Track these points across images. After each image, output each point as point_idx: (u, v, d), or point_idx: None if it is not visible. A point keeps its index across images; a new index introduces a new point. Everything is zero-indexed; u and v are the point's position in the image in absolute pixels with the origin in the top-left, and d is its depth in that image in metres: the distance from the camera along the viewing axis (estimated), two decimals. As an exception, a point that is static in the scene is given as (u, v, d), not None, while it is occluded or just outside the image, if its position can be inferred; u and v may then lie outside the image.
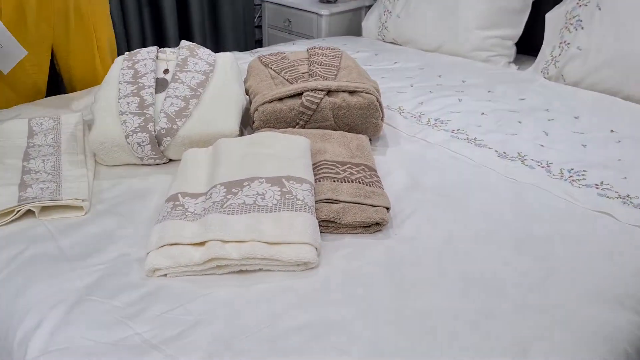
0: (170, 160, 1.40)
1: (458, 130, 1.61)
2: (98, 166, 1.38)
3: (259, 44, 3.08)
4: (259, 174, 1.18)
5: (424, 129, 1.61)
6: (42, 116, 1.58)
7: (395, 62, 2.20)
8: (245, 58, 2.19)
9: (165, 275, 1.02)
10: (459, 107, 1.76)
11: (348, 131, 1.47)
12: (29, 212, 1.16)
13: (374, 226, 1.15)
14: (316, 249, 1.05)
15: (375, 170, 1.31)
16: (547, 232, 1.15)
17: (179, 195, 1.17)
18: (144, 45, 2.64)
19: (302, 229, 1.05)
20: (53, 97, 1.84)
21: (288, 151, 1.26)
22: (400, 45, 2.47)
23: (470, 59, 2.21)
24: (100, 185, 1.30)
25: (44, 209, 1.17)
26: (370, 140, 1.51)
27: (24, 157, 1.35)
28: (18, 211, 1.14)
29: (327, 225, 1.14)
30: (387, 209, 1.18)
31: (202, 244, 1.04)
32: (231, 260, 1.01)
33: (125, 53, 1.61)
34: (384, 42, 2.54)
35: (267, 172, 1.19)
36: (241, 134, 1.48)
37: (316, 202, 1.16)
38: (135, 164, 1.38)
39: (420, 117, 1.70)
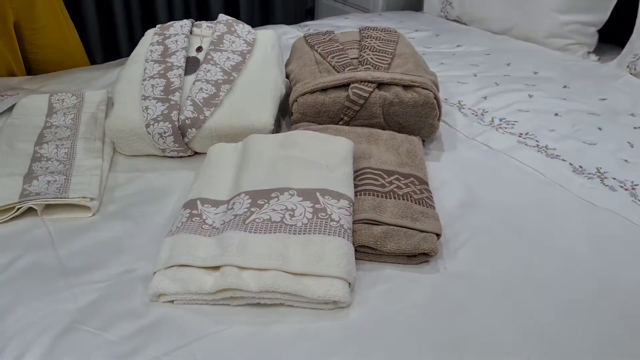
0: (196, 153, 1.25)
1: (527, 134, 1.39)
2: (116, 155, 1.24)
3: (310, 14, 2.87)
4: (290, 184, 1.01)
5: (486, 131, 1.40)
6: (65, 92, 1.45)
7: (458, 46, 1.97)
8: (292, 33, 2.01)
9: (172, 301, 0.88)
10: (529, 105, 1.54)
11: (399, 131, 1.28)
12: (32, 208, 1.03)
13: (420, 256, 0.97)
14: (349, 284, 0.88)
15: (426, 183, 1.12)
16: (636, 281, 0.94)
17: (198, 201, 1.02)
18: (186, 16, 2.48)
19: (335, 259, 0.89)
20: (88, 67, 1.72)
21: (327, 156, 1.08)
22: (464, 24, 2.23)
23: (545, 45, 1.95)
24: (115, 180, 1.16)
25: (48, 206, 1.04)
26: (423, 141, 1.32)
27: (38, 140, 1.22)
28: (19, 208, 1.01)
29: (365, 252, 0.97)
30: (438, 235, 1.00)
31: (216, 268, 0.89)
32: (248, 293, 0.86)
33: (157, 26, 1.45)
34: (447, 19, 2.29)
35: (299, 181, 1.02)
36: (277, 126, 1.32)
37: (355, 222, 0.99)
38: (156, 155, 1.23)
39: (482, 115, 1.48)
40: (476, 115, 1.48)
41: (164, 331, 0.82)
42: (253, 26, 1.56)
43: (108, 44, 2.42)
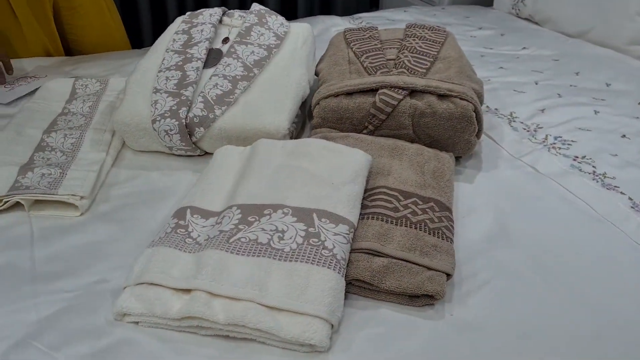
0: (206, 152, 1.16)
1: (583, 158, 1.21)
2: (124, 149, 1.18)
3: (374, 4, 2.73)
4: (287, 201, 0.91)
5: (536, 150, 1.23)
6: (92, 76, 1.41)
7: (524, 48, 1.78)
8: (343, 25, 1.89)
9: (137, 322, 0.80)
10: (592, 123, 1.34)
11: (429, 145, 1.14)
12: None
13: (423, 298, 0.84)
14: (332, 325, 0.77)
15: (448, 210, 0.98)
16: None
17: (188, 211, 0.94)
18: (242, 4, 2.40)
19: (319, 295, 0.78)
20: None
21: (336, 171, 0.97)
22: (536, 24, 2.01)
23: (624, 53, 1.72)
24: (116, 177, 1.10)
25: (39, 201, 0.99)
26: (458, 158, 1.17)
27: (49, 127, 1.18)
28: (6, 202, 0.97)
29: (361, 286, 0.85)
30: (448, 275, 0.87)
31: (188, 290, 0.80)
32: (215, 324, 0.77)
33: (187, 13, 1.37)
34: (518, 17, 2.09)
35: (297, 198, 0.91)
36: (301, 130, 1.21)
37: (353, 251, 0.87)
38: (164, 153, 1.16)
39: (535, 131, 1.31)
40: (528, 131, 1.31)
41: (118, 357, 0.74)
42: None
43: (158, 29, 2.40)
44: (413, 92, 1.14)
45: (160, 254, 0.85)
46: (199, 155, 1.16)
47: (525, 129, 1.31)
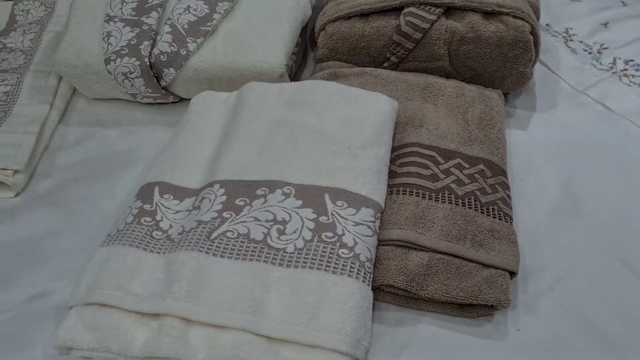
0: (182, 99, 0.90)
1: (665, 88, 0.94)
2: (76, 97, 0.92)
3: None
4: (287, 175, 0.66)
5: (604, 80, 0.96)
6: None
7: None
8: None
9: (89, 358, 0.58)
10: (671, 39, 1.06)
11: (470, 80, 0.88)
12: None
13: (480, 307, 0.62)
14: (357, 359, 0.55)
15: (503, 173, 0.73)
16: None
17: (156, 189, 0.70)
18: None
19: (337, 318, 0.55)
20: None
21: (351, 129, 0.71)
22: None
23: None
24: (63, 138, 0.85)
25: (-41, 178, 0.75)
26: (505, 95, 0.90)
27: (-22, 72, 0.91)
28: None
29: (393, 292, 0.63)
30: (512, 274, 0.64)
31: (156, 316, 0.58)
32: (194, 365, 0.55)
33: None
34: None
35: (301, 171, 0.67)
36: (303, 62, 0.94)
37: (382, 243, 0.64)
38: (127, 101, 0.90)
39: (599, 53, 1.03)
40: (590, 53, 1.03)
41: (61, 417, 0.53)
42: None
43: None
44: (450, 10, 0.85)
45: (116, 258, 0.62)
46: (172, 103, 0.90)
47: (586, 50, 1.03)
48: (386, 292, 0.63)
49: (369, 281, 0.59)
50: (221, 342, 0.55)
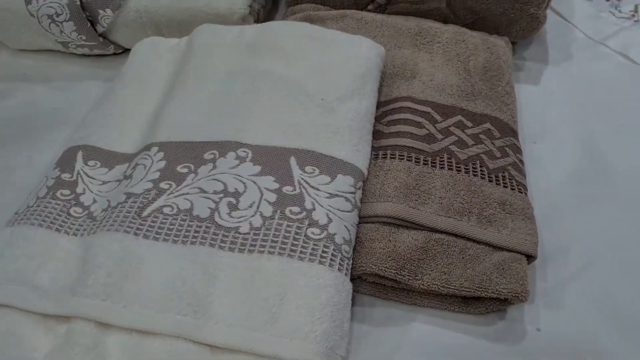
0: (126, 50, 0.75)
1: (697, 38, 0.80)
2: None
3: None
4: (243, 135, 0.52)
5: (625, 29, 0.82)
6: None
7: None
8: None
9: (-21, 374, 0.44)
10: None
11: (472, 26, 0.73)
12: None
13: (491, 302, 0.48)
14: (331, 372, 0.42)
15: (514, 133, 0.60)
16: None
17: (80, 154, 0.55)
18: None
19: (305, 319, 0.41)
20: None
21: (326, 78, 0.57)
22: None
23: None
24: (-23, 94, 0.69)
25: None
26: (513, 44, 0.76)
27: None
28: None
29: (379, 283, 0.49)
30: (530, 258, 0.50)
31: (64, 318, 0.44)
32: (112, 384, 0.41)
33: None
34: None
35: (262, 129, 0.52)
36: (266, 12, 0.79)
37: (364, 220, 0.50)
38: (58, 52, 0.75)
39: (618, 0, 0.89)
40: (607, 0, 0.89)
41: None
42: None
43: None
44: (448, -61, 0.71)
45: (20, 242, 0.48)
46: (114, 55, 0.75)
47: (603, -4, 0.89)
48: (370, 283, 0.49)
49: (346, 269, 0.45)
50: (148, 354, 0.41)
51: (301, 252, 0.44)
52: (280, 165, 0.49)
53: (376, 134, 0.57)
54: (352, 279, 0.47)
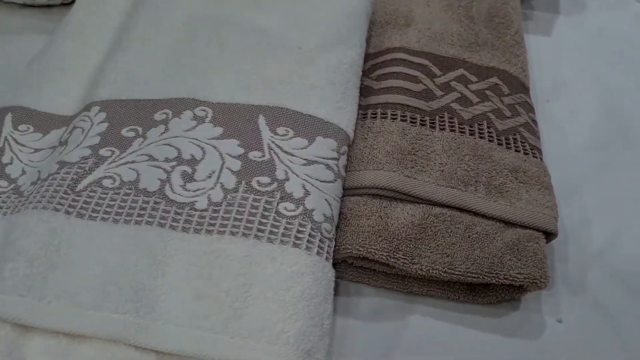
0: (75, -1, 0.65)
1: None
2: None
3: None
4: (203, 91, 0.43)
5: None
6: None
7: None
8: None
9: None
10: None
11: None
12: None
13: (501, 290, 0.40)
14: (307, 382, 0.34)
15: (525, 89, 0.51)
16: None
17: (9, 117, 0.46)
18: None
19: (275, 317, 0.33)
20: None
21: (303, 24, 0.47)
22: None
23: None
24: None
25: None
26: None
27: None
28: None
29: (368, 268, 0.41)
30: (549, 235, 0.42)
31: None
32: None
33: None
34: None
35: (226, 84, 0.43)
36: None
37: (348, 193, 0.41)
38: (10, 3, 0.65)
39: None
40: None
41: None
42: None
43: None
44: None
45: None
46: (62, 5, 0.64)
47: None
48: (357, 268, 0.41)
49: (327, 253, 0.37)
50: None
51: (271, 232, 0.36)
52: (246, 126, 0.40)
53: (364, 91, 0.48)
54: (335, 264, 0.39)
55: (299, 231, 0.36)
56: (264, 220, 0.36)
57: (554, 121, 0.53)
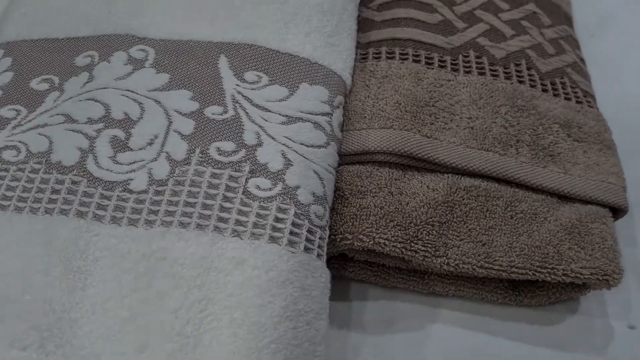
0: None
1: None
2: None
3: None
4: (141, 24, 0.31)
5: None
6: None
7: None
8: None
9: None
10: None
11: None
12: None
13: (556, 288, 0.30)
14: None
15: (568, 21, 0.40)
16: None
17: None
18: None
19: (243, 346, 0.22)
20: None
21: None
22: None
23: None
24: None
25: None
26: None
27: None
28: None
29: (379, 264, 0.30)
30: (616, 212, 0.31)
31: None
32: None
33: None
34: None
35: (174, 15, 0.31)
36: None
37: (346, 160, 0.30)
38: None
39: None
40: None
41: None
42: None
43: None
44: None
45: None
46: None
47: None
48: (360, 263, 0.30)
49: (319, 247, 0.26)
50: None
51: (238, 222, 0.25)
52: (201, 71, 0.29)
53: (363, 24, 0.37)
54: (331, 259, 0.28)
55: (277, 219, 0.25)
56: (228, 205, 0.25)
57: (601, 61, 0.42)
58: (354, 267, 0.30)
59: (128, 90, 0.29)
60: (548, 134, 0.32)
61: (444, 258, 0.28)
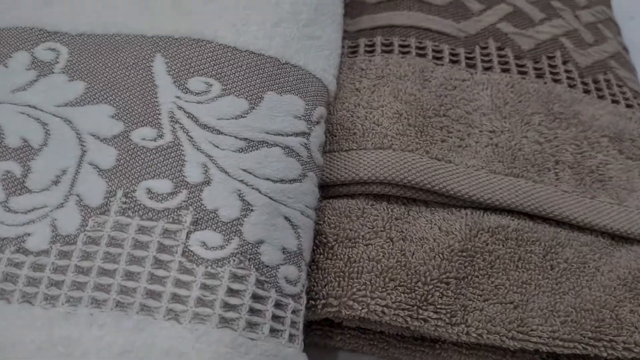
0: None
1: None
2: None
3: None
4: (51, 13, 0.23)
5: None
6: None
7: None
8: None
9: None
10: None
11: None
12: None
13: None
14: None
15: (606, 1, 0.32)
16: None
17: None
18: None
19: None
20: None
21: None
22: None
23: None
24: None
25: None
26: None
27: None
28: None
29: (376, 331, 0.23)
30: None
31: None
32: None
33: None
34: None
35: (96, 4, 0.23)
36: None
37: (331, 193, 0.23)
38: None
39: None
40: None
41: None
42: None
43: None
44: None
45: None
46: None
47: None
48: (349, 331, 0.23)
49: (292, 325, 0.19)
50: None
51: (175, 298, 0.17)
52: (129, 77, 0.21)
53: (353, 7, 0.29)
54: (311, 325, 0.21)
55: (231, 291, 0.18)
56: (161, 273, 0.18)
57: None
58: (343, 335, 0.23)
59: (29, 106, 0.21)
60: (596, 152, 0.24)
61: (463, 326, 0.21)
